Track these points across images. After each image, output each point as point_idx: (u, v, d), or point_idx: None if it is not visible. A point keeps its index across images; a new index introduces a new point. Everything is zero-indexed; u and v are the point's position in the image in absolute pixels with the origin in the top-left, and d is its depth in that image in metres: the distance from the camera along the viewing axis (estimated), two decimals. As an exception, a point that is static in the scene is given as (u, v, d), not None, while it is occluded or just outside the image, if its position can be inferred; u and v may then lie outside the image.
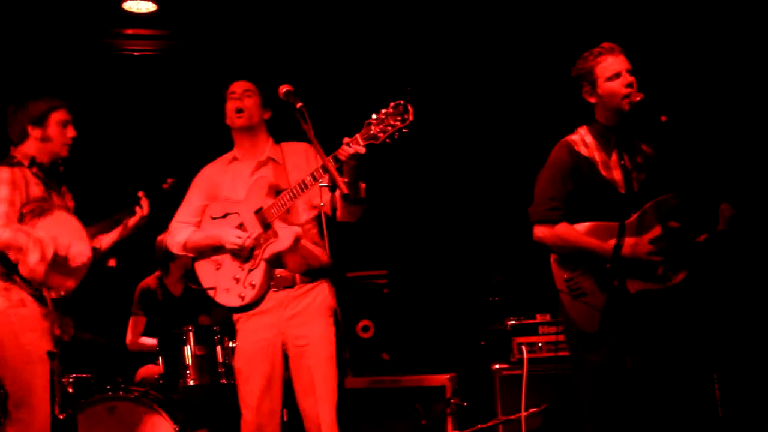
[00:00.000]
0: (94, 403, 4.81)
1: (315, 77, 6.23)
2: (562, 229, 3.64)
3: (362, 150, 3.66)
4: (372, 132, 3.65)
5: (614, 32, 4.03)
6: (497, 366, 5.22)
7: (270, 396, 4.02)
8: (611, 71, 3.59)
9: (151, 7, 5.88)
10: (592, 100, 3.67)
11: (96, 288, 6.26)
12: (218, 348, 5.22)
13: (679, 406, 3.58)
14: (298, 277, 4.04)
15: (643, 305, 3.49)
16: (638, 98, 3.52)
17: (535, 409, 4.96)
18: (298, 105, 3.63)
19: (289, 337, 4.02)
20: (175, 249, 4.26)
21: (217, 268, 4.12)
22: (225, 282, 4.09)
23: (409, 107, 3.57)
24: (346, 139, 3.71)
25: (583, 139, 3.70)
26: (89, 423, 4.74)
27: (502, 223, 5.96)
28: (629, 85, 3.56)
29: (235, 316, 4.13)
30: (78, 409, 4.70)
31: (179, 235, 4.23)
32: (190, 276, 4.25)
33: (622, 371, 3.41)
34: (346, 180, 3.72)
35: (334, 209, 3.89)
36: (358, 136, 3.68)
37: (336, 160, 3.72)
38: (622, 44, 3.68)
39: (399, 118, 3.59)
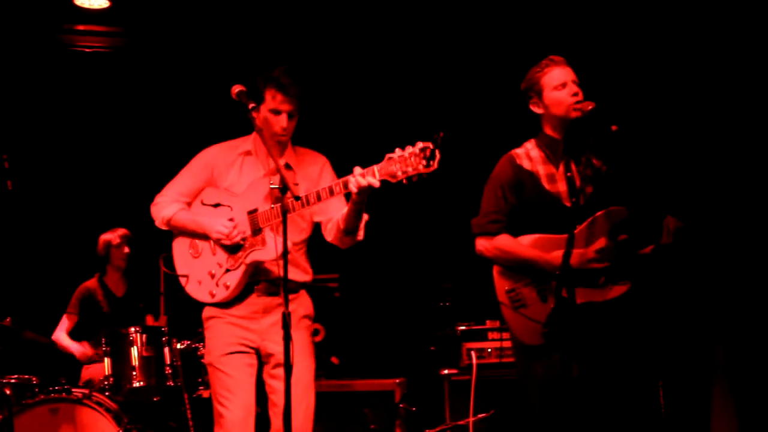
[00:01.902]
0: (36, 404, 4.73)
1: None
2: (502, 241, 3.68)
3: (377, 185, 3.47)
4: (391, 169, 3.44)
5: (566, 46, 4.08)
6: (446, 371, 5.24)
7: (247, 398, 3.88)
8: (558, 81, 3.65)
9: (104, 4, 5.80)
10: (539, 110, 3.72)
11: (39, 289, 6.23)
12: (166, 349, 5.16)
13: (623, 413, 3.61)
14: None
15: (588, 316, 3.52)
16: (590, 107, 3.56)
17: (483, 414, 4.98)
18: (251, 105, 3.62)
19: (268, 343, 3.89)
20: (159, 222, 4.07)
21: (195, 257, 3.99)
22: (199, 273, 3.96)
23: (437, 154, 3.38)
24: (358, 169, 3.52)
25: (528, 153, 3.75)
26: (31, 425, 4.67)
27: (453, 229, 5.98)
28: (575, 95, 3.61)
29: (210, 312, 3.96)
30: (18, 411, 4.62)
31: (167, 209, 4.03)
32: (167, 259, 4.14)
33: (568, 381, 3.43)
34: (353, 207, 3.63)
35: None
36: (375, 168, 3.48)
37: (345, 186, 3.58)
38: (571, 58, 3.74)
39: (423, 163, 3.39)
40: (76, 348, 5.73)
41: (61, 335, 5.79)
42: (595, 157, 3.73)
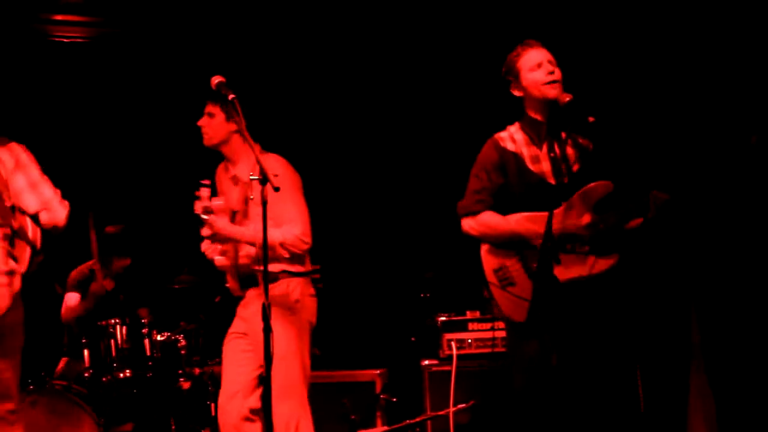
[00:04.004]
0: (15, 396, 4.70)
1: (248, 66, 6.21)
2: (485, 217, 3.73)
3: None
4: None
5: (548, 32, 4.09)
6: (426, 362, 5.25)
7: None
8: (533, 62, 3.69)
9: (82, -7, 5.78)
10: (518, 93, 3.75)
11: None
12: (146, 341, 5.15)
13: (601, 400, 3.64)
14: None
15: (573, 295, 3.55)
16: (567, 99, 3.59)
17: (464, 405, 5.00)
18: (230, 96, 3.61)
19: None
20: None
21: None
22: None
23: None
24: None
25: (511, 136, 3.78)
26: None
27: (434, 219, 5.99)
28: (551, 73, 3.64)
29: None
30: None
31: None
32: None
33: (548, 369, 3.46)
34: None
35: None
36: None
37: None
38: (555, 42, 3.77)
39: None
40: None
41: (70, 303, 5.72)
42: (581, 137, 3.75)
